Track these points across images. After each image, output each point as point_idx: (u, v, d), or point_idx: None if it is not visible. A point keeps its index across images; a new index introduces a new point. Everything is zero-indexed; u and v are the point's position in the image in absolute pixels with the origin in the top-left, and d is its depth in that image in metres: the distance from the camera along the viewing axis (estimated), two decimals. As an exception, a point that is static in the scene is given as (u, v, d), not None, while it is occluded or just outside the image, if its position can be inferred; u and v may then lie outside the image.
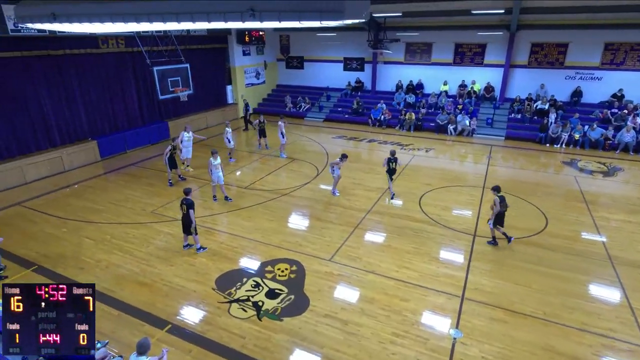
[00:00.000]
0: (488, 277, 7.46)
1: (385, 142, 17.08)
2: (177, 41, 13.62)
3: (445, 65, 19.91)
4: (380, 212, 10.17)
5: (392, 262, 7.96)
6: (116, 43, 14.57)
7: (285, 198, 11.11)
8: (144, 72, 15.83)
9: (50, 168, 12.91)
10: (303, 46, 23.00)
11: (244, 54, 21.29)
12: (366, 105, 20.63)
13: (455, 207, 10.55)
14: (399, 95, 20.43)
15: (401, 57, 20.68)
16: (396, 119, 19.25)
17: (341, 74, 22.50)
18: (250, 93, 22.25)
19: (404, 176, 12.78)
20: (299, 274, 7.59)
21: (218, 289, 7.17)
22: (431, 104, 19.60)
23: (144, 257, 8.17)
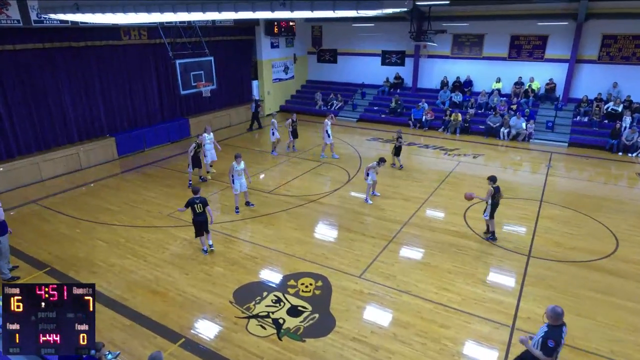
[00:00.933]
0: (544, 305, 7.08)
1: (426, 145, 16.83)
2: (202, 32, 14.08)
3: (498, 60, 19.41)
4: (418, 225, 10.00)
5: (430, 282, 7.79)
6: (138, 34, 15.26)
7: (312, 205, 11.16)
8: (166, 65, 16.45)
9: (66, 165, 13.65)
10: (337, 38, 23.15)
11: (272, 47, 21.68)
12: (406, 104, 20.45)
13: (507, 222, 10.21)
14: (443, 93, 20.11)
15: (447, 50, 20.36)
16: (440, 120, 18.95)
17: (378, 69, 22.44)
18: (277, 89, 22.63)
19: (447, 185, 12.52)
20: (324, 290, 7.57)
21: (236, 302, 7.28)
22: (481, 104, 19.15)
23: (158, 264, 8.44)
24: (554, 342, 4.61)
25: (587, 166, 14.50)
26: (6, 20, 11.31)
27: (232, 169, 10.34)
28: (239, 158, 10.38)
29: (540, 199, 11.57)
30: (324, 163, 14.46)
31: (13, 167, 12.37)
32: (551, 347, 4.60)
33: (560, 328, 4.71)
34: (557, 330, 4.68)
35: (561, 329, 4.71)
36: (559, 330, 4.69)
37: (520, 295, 7.44)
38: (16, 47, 12.02)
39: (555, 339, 4.62)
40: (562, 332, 4.70)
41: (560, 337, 4.67)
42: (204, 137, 12.67)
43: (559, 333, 4.66)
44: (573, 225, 10.02)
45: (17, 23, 11.51)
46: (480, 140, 17.53)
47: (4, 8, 11.17)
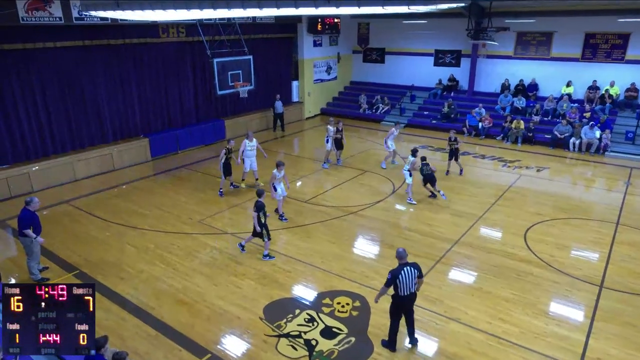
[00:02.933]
0: (618, 344, 6.67)
1: (483, 156, 16.38)
2: (241, 30, 14.53)
3: (569, 61, 18.61)
4: (471, 245, 9.71)
5: (483, 310, 7.51)
6: (177, 32, 15.98)
7: (351, 217, 11.12)
8: (203, 64, 17.07)
9: (100, 165, 14.45)
10: (385, 36, 23.12)
11: (314, 45, 21.98)
12: (460, 109, 20.04)
13: (575, 246, 9.69)
14: (504, 98, 19.53)
15: (510, 50, 19.80)
16: (499, 128, 18.41)
17: (431, 69, 22.16)
18: (318, 90, 22.86)
19: (505, 200, 12.10)
20: (362, 311, 7.50)
21: (266, 318, 7.35)
22: (547, 111, 18.42)
23: (186, 272, 8.70)
24: (391, 274, 6.15)
25: (675, 185, 13.53)
26: (49, 18, 12.20)
27: (275, 177, 10.46)
28: (281, 166, 10.50)
29: (617, 221, 10.90)
30: (366, 172, 14.40)
31: (48, 166, 13.23)
32: (388, 279, 6.18)
33: (399, 267, 6.18)
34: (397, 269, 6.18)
35: (400, 268, 6.16)
36: (398, 269, 6.17)
37: (590, 331, 7.01)
38: (56, 44, 12.90)
39: (393, 274, 6.13)
40: (401, 270, 6.13)
41: (399, 272, 6.11)
42: (245, 144, 12.46)
43: (398, 270, 6.15)
44: (656, 254, 9.36)
45: (59, 20, 12.40)
46: (545, 151, 16.85)
47: (47, 5, 12.07)
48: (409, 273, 6.13)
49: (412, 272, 6.17)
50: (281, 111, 19.67)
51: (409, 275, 6.13)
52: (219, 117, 18.64)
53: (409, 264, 6.21)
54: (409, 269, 6.15)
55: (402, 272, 6.11)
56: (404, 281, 6.11)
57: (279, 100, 19.56)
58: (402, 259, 6.23)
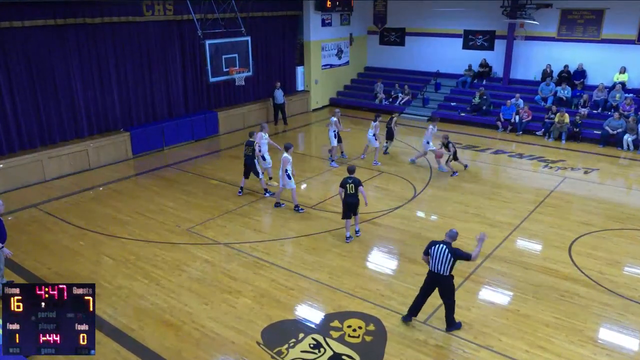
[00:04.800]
0: (681, 379, 6.60)
1: (520, 155, 16.31)
2: (238, 7, 14.55)
3: (623, 44, 18.53)
4: (506, 259, 9.66)
5: (520, 336, 7.47)
6: (163, 9, 16.08)
7: (365, 226, 11.12)
8: (193, 46, 17.17)
9: (73, 164, 14.58)
10: (406, 14, 23.14)
11: (323, 24, 22.00)
12: (494, 100, 20.02)
13: (630, 262, 9.63)
14: (546, 86, 19.48)
15: (553, 30, 19.74)
16: (540, 122, 18.39)
17: (459, 53, 22.16)
18: (327, 77, 22.90)
19: (546, 207, 12.03)
20: (377, 336, 7.48)
21: (264, 343, 7.35)
22: (597, 102, 18.37)
23: (173, 289, 8.73)
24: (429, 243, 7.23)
25: None
26: (16, -8, 12.33)
27: (287, 161, 11.32)
28: (290, 149, 11.50)
29: (680, 232, 10.81)
30: (383, 173, 14.38)
31: (14, 163, 13.34)
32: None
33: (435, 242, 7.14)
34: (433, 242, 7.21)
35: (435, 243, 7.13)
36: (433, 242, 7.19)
37: (647, 363, 6.95)
38: (24, 23, 13.02)
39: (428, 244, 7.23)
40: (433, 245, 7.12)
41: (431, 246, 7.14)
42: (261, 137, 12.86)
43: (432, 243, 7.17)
44: None
45: (27, -5, 12.54)
46: (594, 149, 16.79)
47: (14, -22, 12.19)
48: (438, 251, 6.96)
49: (443, 251, 6.92)
50: (282, 101, 19.68)
51: (438, 252, 6.97)
52: (211, 109, 18.74)
53: (443, 242, 7.03)
54: (440, 247, 6.97)
55: (433, 247, 7.05)
56: (433, 256, 7.05)
57: (279, 89, 19.53)
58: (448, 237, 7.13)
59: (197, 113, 18.17)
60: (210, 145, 17.45)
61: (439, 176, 14.22)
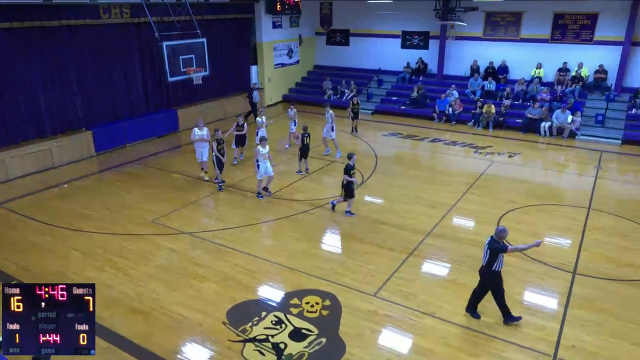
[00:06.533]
0: (593, 331, 7.03)
1: (454, 142, 16.77)
2: (193, 10, 14.16)
3: (539, 43, 19.28)
4: (444, 236, 9.95)
5: (458, 303, 7.73)
6: (120, 12, 15.39)
7: (319, 211, 11.15)
8: (151, 48, 16.56)
9: (36, 163, 13.80)
10: (349, 17, 23.17)
11: (274, 27, 21.76)
12: (430, 94, 20.42)
13: (548, 233, 10.12)
14: (474, 81, 20.03)
15: (479, 31, 20.29)
16: (470, 113, 18.89)
17: (398, 52, 22.42)
18: (279, 76, 22.69)
19: (478, 189, 12.45)
20: (333, 310, 7.56)
21: (230, 323, 7.29)
22: (518, 94, 19.05)
23: (141, 278, 8.49)
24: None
25: (644, 168, 14.34)
26: (-30, -4, 11.49)
27: (257, 153, 11.25)
28: (264, 141, 11.48)
29: (588, 206, 11.45)
30: (333, 162, 14.44)
31: (-24, 164, 12.52)
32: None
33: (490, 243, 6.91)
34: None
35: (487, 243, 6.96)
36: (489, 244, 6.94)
37: (564, 319, 7.35)
38: (-20, 27, 12.18)
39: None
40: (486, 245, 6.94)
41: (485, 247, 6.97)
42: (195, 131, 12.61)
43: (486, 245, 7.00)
44: (629, 238, 9.89)
45: (-19, -1, 11.70)
46: (516, 136, 17.43)
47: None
48: (485, 245, 6.96)
49: (486, 244, 6.92)
50: (257, 100, 19.44)
51: (485, 246, 6.96)
52: (171, 107, 18.20)
53: (491, 237, 6.95)
54: (487, 240, 6.96)
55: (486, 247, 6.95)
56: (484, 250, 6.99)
57: (257, 90, 19.35)
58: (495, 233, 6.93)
59: (157, 111, 17.61)
60: (171, 141, 16.98)
61: (384, 163, 14.42)
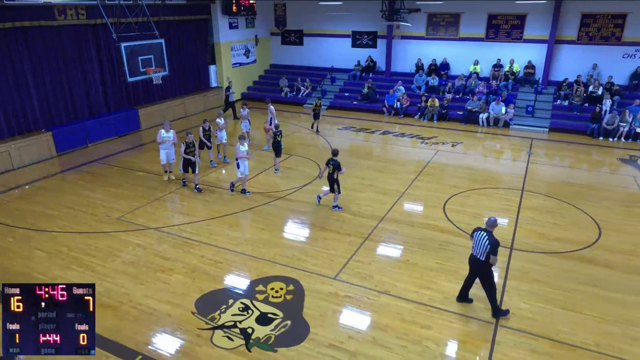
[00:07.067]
0: (529, 299, 7.42)
1: (402, 134, 17.08)
2: (150, 12, 13.66)
3: (476, 41, 19.90)
4: (396, 220, 10.16)
5: (410, 281, 7.94)
6: (75, 13, 14.62)
7: (280, 202, 11.11)
8: (110, 49, 15.90)
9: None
10: (302, 18, 23.05)
11: (230, 27, 21.33)
12: (379, 89, 20.67)
13: (488, 213, 10.48)
14: (419, 77, 20.43)
15: (422, 30, 20.69)
16: (416, 107, 19.27)
17: (349, 51, 22.53)
18: (237, 74, 22.30)
19: (425, 176, 12.78)
20: (296, 294, 7.58)
21: (198, 312, 7.17)
22: (459, 88, 19.61)
23: (108, 274, 8.19)
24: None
25: (568, 152, 15.15)
26: None
27: (237, 150, 10.97)
28: (242, 139, 11.16)
29: (522, 188, 11.99)
30: (292, 156, 14.40)
31: None
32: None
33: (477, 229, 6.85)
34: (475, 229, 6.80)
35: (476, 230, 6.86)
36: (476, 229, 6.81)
37: (504, 290, 7.70)
38: None
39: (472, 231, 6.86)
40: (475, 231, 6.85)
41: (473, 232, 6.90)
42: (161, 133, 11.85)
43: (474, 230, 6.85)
44: (556, 215, 10.46)
45: None
46: (458, 127, 17.96)
47: None
48: (479, 237, 6.75)
49: (483, 237, 6.69)
50: (233, 100, 19.04)
51: (478, 238, 6.75)
52: (131, 106, 17.51)
53: (484, 229, 6.78)
54: (481, 234, 6.73)
55: (476, 232, 6.85)
56: (475, 241, 6.84)
57: (231, 89, 18.94)
58: (487, 225, 6.80)
59: (118, 111, 16.88)
60: (133, 140, 16.36)
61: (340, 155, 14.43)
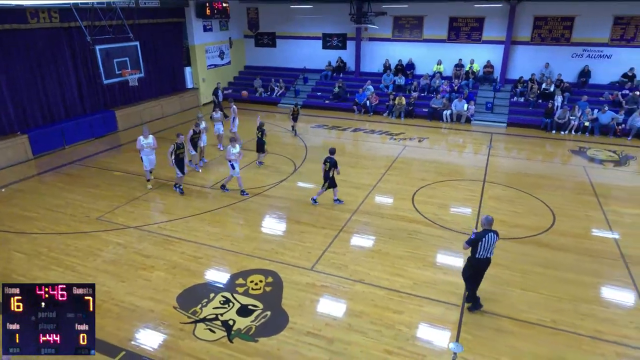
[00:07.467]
0: (491, 282, 7.63)
1: (372, 131, 17.22)
2: (124, 15, 13.28)
3: (438, 42, 20.21)
4: (368, 213, 10.26)
5: (382, 269, 8.05)
6: (49, 17, 14.07)
7: (257, 199, 11.05)
8: (84, 51, 15.38)
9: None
10: (275, 20, 22.87)
11: (204, 30, 20.97)
12: (350, 89, 20.75)
13: (453, 204, 10.77)
14: (387, 77, 20.62)
15: (388, 32, 20.87)
16: (384, 105, 19.44)
17: (320, 52, 22.52)
18: (213, 76, 21.97)
19: (394, 170, 12.94)
20: (275, 286, 7.58)
21: (180, 307, 7.08)
22: (424, 87, 19.88)
23: (89, 273, 7.97)
24: (476, 237, 6.41)
25: (525, 145, 15.62)
26: None
27: (229, 152, 10.71)
28: (234, 141, 10.86)
29: (484, 179, 12.30)
30: (268, 153, 14.31)
31: None
32: (471, 239, 6.45)
33: (484, 233, 6.43)
34: (482, 233, 6.44)
35: (484, 234, 6.42)
36: (483, 234, 6.43)
37: (469, 274, 7.90)
38: None
39: (477, 237, 6.42)
40: (484, 236, 6.39)
41: (483, 236, 6.39)
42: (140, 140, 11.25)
43: (482, 235, 6.41)
44: (515, 204, 10.79)
45: None
46: (424, 123, 18.23)
47: None
48: (490, 239, 6.44)
49: (493, 238, 6.46)
50: (222, 99, 18.64)
51: (489, 240, 6.44)
52: (108, 108, 17.00)
53: (492, 230, 6.48)
54: (491, 235, 6.45)
55: (485, 237, 6.40)
56: (484, 245, 6.45)
57: (220, 90, 18.55)
58: (489, 224, 6.50)
59: (94, 112, 16.36)
60: (111, 141, 15.91)
61: (313, 152, 14.53)
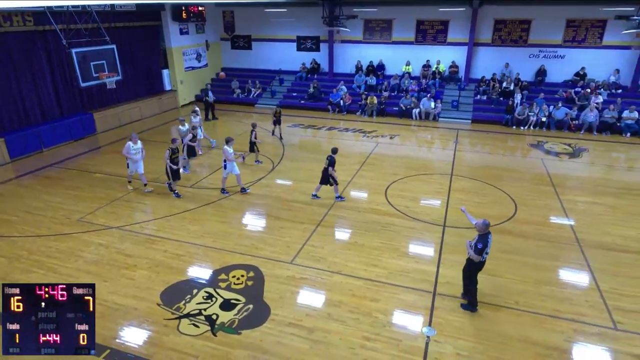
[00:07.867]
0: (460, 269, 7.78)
1: (346, 129, 17.28)
2: (100, 18, 12.85)
3: (407, 44, 20.41)
4: (344, 207, 10.30)
5: (359, 260, 8.11)
6: (22, 20, 13.46)
7: (237, 196, 10.93)
8: (60, 54, 14.82)
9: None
10: (250, 23, 22.59)
11: (181, 33, 20.51)
12: (324, 89, 20.72)
13: (424, 197, 10.93)
14: (359, 77, 20.69)
15: (360, 35, 20.94)
16: (357, 104, 19.52)
17: (295, 54, 22.39)
18: (191, 78, 21.56)
19: (368, 166, 13.03)
20: (257, 280, 7.53)
21: (164, 304, 6.94)
22: (394, 87, 20.06)
23: (71, 274, 7.71)
24: (482, 244, 6.28)
25: (488, 140, 16.00)
26: None
27: (226, 152, 10.45)
28: (231, 142, 10.59)
29: (451, 173, 12.54)
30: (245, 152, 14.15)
31: None
32: (479, 248, 6.29)
33: (486, 236, 6.32)
34: (485, 237, 6.31)
35: (487, 237, 6.32)
36: (485, 237, 6.31)
37: (439, 263, 8.06)
38: None
39: (483, 243, 6.28)
40: (488, 239, 6.32)
41: (487, 242, 6.31)
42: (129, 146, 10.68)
43: (485, 239, 6.30)
44: (480, 195, 11.05)
45: None
46: (395, 121, 18.42)
47: None
48: (490, 241, 6.42)
49: (490, 239, 6.43)
50: (213, 99, 18.27)
51: (490, 243, 6.42)
52: (86, 110, 16.44)
53: (490, 233, 6.42)
54: (490, 237, 6.41)
55: (488, 242, 6.37)
56: (489, 247, 6.43)
57: (210, 90, 18.20)
58: (487, 228, 6.37)
59: (72, 115, 15.80)
60: (89, 144, 15.41)
61: (290, 150, 14.48)
